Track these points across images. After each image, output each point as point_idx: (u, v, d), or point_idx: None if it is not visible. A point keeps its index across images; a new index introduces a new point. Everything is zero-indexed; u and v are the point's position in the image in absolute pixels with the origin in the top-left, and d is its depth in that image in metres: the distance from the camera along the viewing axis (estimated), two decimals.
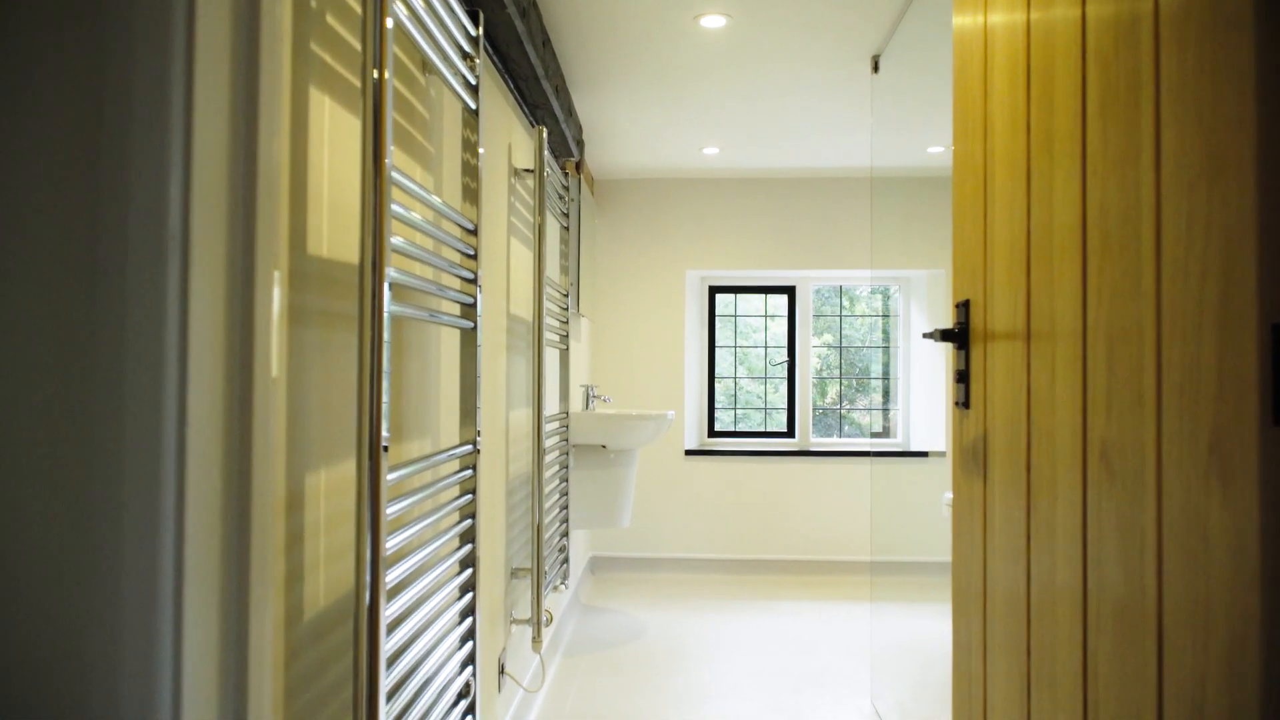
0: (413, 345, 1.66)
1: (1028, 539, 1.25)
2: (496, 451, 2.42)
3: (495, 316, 2.41)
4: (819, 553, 4.88)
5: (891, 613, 4.16)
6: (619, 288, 4.95)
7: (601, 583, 4.72)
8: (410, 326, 1.65)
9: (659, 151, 4.35)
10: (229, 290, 0.92)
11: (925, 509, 4.83)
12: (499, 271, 2.46)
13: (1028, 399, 1.25)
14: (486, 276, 2.28)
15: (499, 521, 2.47)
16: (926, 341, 4.94)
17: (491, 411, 2.35)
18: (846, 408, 5.33)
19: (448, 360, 1.90)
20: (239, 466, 0.93)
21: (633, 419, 3.79)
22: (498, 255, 2.45)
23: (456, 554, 1.69)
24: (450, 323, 1.60)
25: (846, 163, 4.58)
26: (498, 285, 2.45)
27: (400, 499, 1.33)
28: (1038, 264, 1.23)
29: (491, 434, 2.34)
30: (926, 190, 4.85)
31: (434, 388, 1.79)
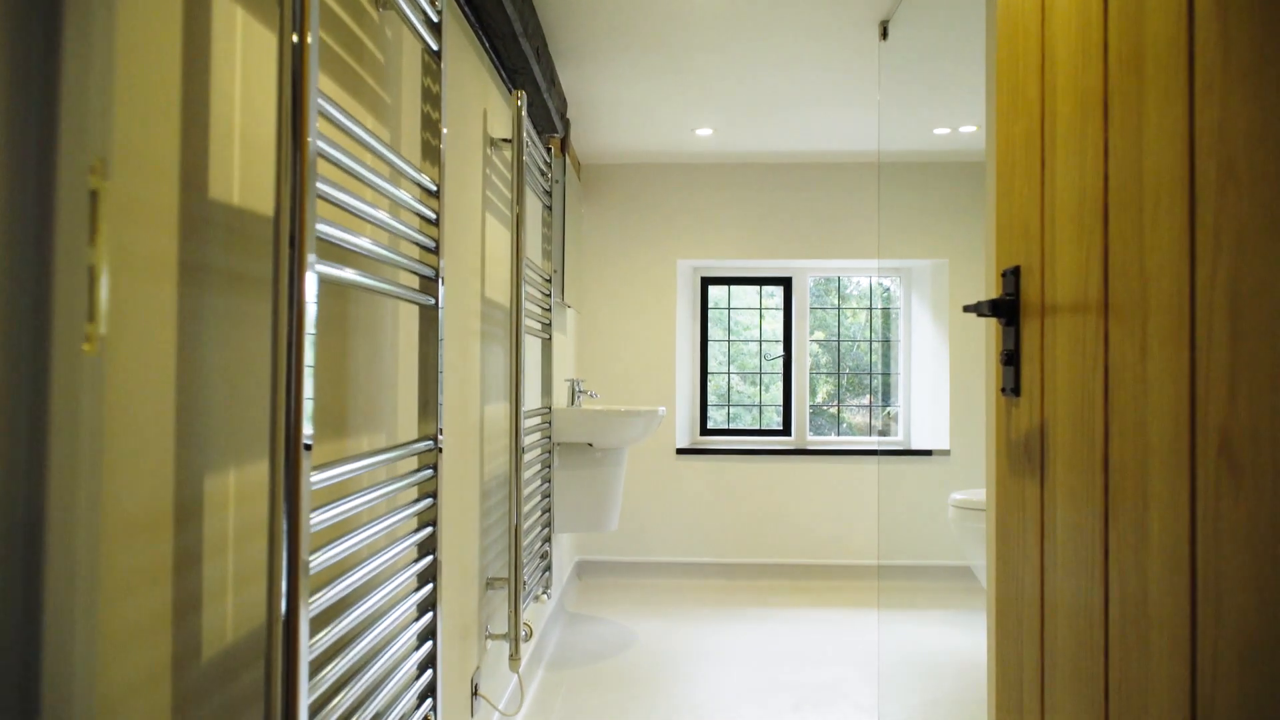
0: (361, 323, 1.42)
1: (1106, 552, 1.01)
2: (469, 449, 2.17)
3: (467, 299, 2.17)
4: (818, 556, 4.64)
5: (898, 621, 3.93)
6: (607, 278, 4.71)
7: (589, 589, 4.47)
8: (358, 301, 1.41)
9: (649, 132, 4.12)
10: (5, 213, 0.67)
11: (931, 510, 4.60)
12: (472, 250, 2.21)
13: (1105, 382, 1.02)
14: (456, 253, 2.04)
15: (472, 527, 2.22)
16: (929, 335, 4.72)
17: (463, 405, 2.11)
18: (847, 403, 5.10)
19: (408, 343, 1.65)
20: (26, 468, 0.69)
21: (621, 415, 3.56)
22: (470, 232, 2.21)
23: (414, 566, 1.45)
24: (404, 295, 1.35)
25: (848, 146, 4.35)
26: (470, 265, 2.20)
27: (337, 504, 1.09)
28: (1120, 216, 0.99)
29: (462, 430, 2.10)
30: (931, 176, 4.62)
31: (389, 374, 1.55)
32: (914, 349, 4.92)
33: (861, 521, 4.64)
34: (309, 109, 0.94)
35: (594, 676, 3.18)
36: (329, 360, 1.29)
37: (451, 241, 1.97)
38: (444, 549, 1.90)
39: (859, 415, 5.14)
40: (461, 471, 2.10)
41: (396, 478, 1.37)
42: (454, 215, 2.02)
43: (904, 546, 4.62)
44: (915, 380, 4.90)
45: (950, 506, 3.95)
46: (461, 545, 2.12)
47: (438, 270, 1.50)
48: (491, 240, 2.43)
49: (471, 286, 2.22)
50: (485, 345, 2.36)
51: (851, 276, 5.08)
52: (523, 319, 2.29)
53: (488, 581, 2.39)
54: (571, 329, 4.37)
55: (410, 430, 1.63)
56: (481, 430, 2.31)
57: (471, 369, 2.20)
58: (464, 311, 2.12)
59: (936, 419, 4.72)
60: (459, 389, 2.08)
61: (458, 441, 2.05)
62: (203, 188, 0.95)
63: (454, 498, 2.00)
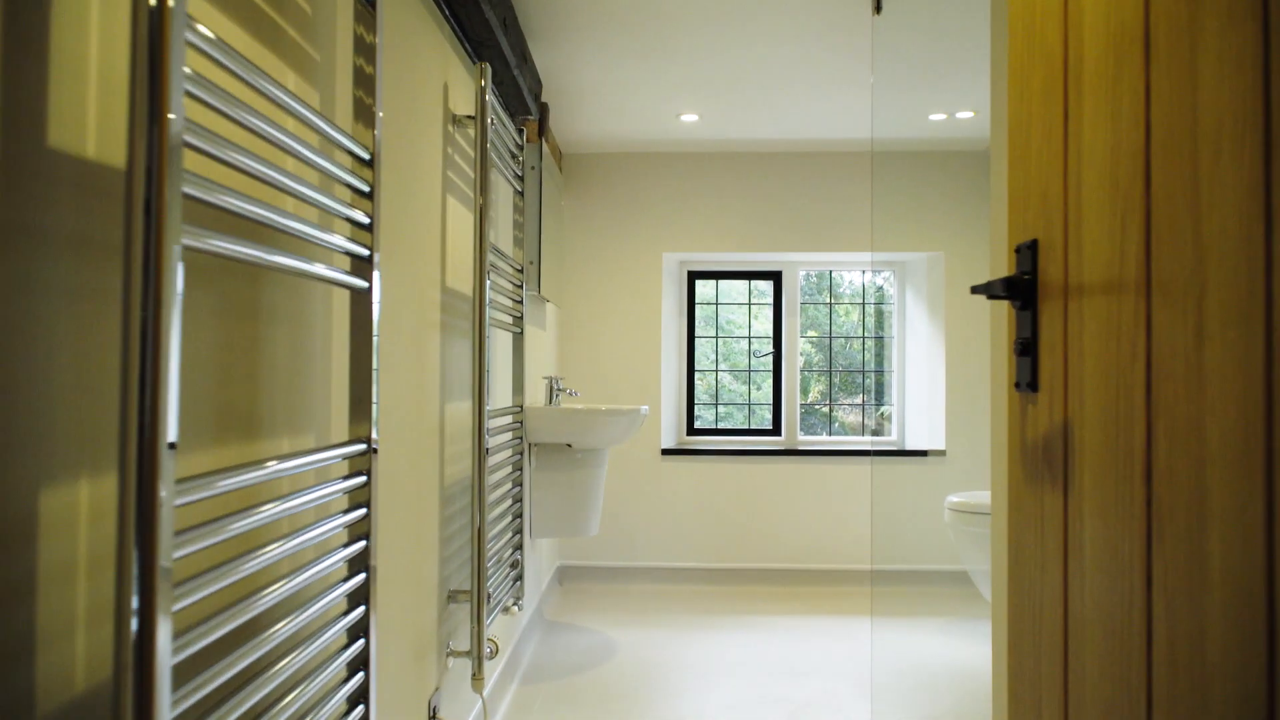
0: (281, 309, 1.23)
1: (1148, 580, 0.84)
2: (426, 452, 1.99)
3: (425, 288, 1.98)
4: (808, 561, 4.47)
5: (893, 629, 3.76)
6: (590, 272, 4.53)
7: (569, 595, 4.29)
8: (278, 285, 1.22)
9: (632, 119, 3.94)
10: None
11: (926, 513, 4.43)
12: (430, 235, 2.03)
13: (1147, 375, 0.84)
14: (409, 236, 1.86)
15: (430, 536, 2.04)
16: (924, 331, 4.56)
17: (419, 403, 1.93)
18: (839, 402, 4.93)
19: (345, 334, 1.47)
20: None
21: (601, 415, 3.38)
22: (429, 215, 2.02)
23: (343, 586, 1.27)
24: (327, 277, 1.17)
25: (839, 134, 4.18)
26: (429, 251, 2.02)
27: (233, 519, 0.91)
28: (1167, 172, 0.82)
29: (417, 431, 1.91)
30: (926, 165, 4.45)
31: (320, 368, 1.36)
32: (908, 346, 4.75)
33: (854, 525, 4.47)
34: (170, 35, 0.76)
35: (571, 691, 3.00)
36: (236, 350, 1.11)
37: (400, 222, 1.78)
38: (388, 562, 1.72)
39: (851, 414, 4.97)
40: (416, 476, 1.92)
41: (327, 483, 1.19)
42: (407, 194, 1.84)
43: (898, 551, 4.46)
44: (910, 378, 4.73)
45: (947, 510, 3.78)
46: (418, 555, 1.94)
47: (372, 250, 1.32)
48: (455, 225, 2.25)
49: (430, 275, 2.04)
50: (447, 339, 2.18)
51: (843, 271, 4.91)
52: (487, 310, 2.11)
53: (449, 594, 2.21)
54: (552, 325, 4.19)
55: (344, 431, 1.45)
56: (442, 431, 2.13)
57: (429, 364, 2.02)
58: (420, 301, 1.94)
59: (932, 418, 4.55)
60: (415, 386, 1.90)
61: (411, 443, 1.87)
62: (37, 133, 0.77)
63: (402, 505, 1.82)
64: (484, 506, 2.12)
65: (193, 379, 1.00)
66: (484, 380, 2.11)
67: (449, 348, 2.20)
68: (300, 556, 1.29)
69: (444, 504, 2.16)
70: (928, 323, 4.60)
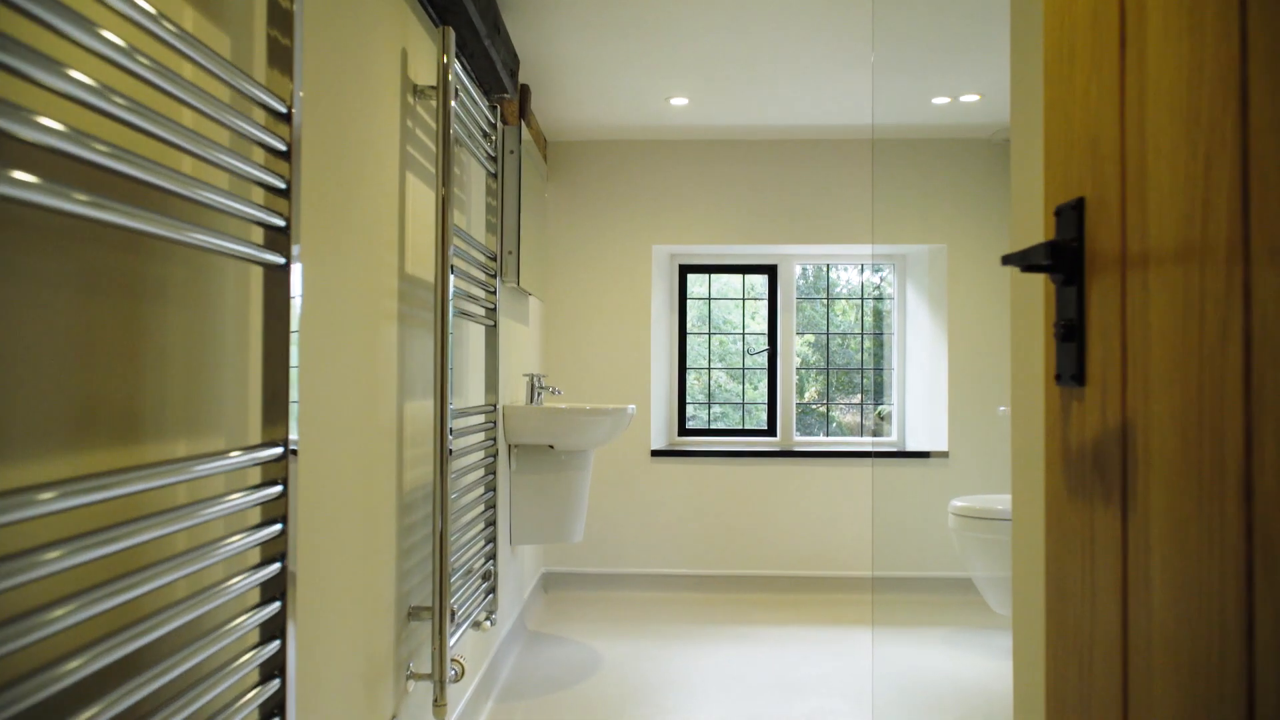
0: (171, 286, 1.03)
1: (1248, 630, 0.64)
2: (379, 455, 1.79)
3: (379, 274, 1.78)
4: (805, 567, 4.27)
5: (894, 641, 3.56)
6: (575, 265, 4.33)
7: (554, 603, 4.09)
8: (164, 257, 1.02)
9: (619, 102, 3.73)
10: None
11: (927, 517, 4.24)
12: (386, 215, 1.83)
13: (1246, 362, 0.65)
14: (353, 212, 1.66)
15: (384, 547, 1.84)
16: (925, 327, 4.36)
17: (370, 401, 1.73)
18: (836, 402, 4.73)
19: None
20: None
21: (585, 414, 3.18)
22: (385, 194, 1.82)
23: (253, 616, 1.07)
24: (227, 248, 0.97)
25: (837, 120, 3.98)
26: (384, 234, 1.82)
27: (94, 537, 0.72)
28: (1275, 96, 0.62)
29: (367, 431, 1.71)
30: (929, 152, 4.26)
31: (228, 358, 1.16)
32: (909, 343, 4.55)
33: (852, 529, 4.28)
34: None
35: (551, 710, 2.80)
36: (103, 331, 0.91)
37: (345, 197, 1.58)
38: (331, 579, 1.52)
39: (849, 415, 4.78)
40: (367, 482, 1.72)
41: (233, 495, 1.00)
42: (354, 167, 1.64)
43: (899, 557, 4.26)
44: (911, 376, 4.54)
45: (950, 514, 3.59)
46: (369, 569, 1.74)
47: (289, 219, 1.12)
48: (417, 207, 2.05)
49: (385, 259, 1.83)
50: (407, 331, 1.98)
51: (841, 265, 4.71)
52: (450, 300, 1.91)
53: (410, 611, 2.01)
54: (535, 320, 3.99)
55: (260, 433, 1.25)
56: (400, 432, 1.93)
57: (384, 358, 1.82)
58: (373, 288, 1.74)
59: (934, 419, 4.35)
60: (365, 381, 1.70)
61: (360, 446, 1.67)
62: None
63: (349, 514, 1.62)
64: (447, 514, 1.92)
65: (31, 362, 0.80)
66: (446, 376, 1.91)
67: (410, 341, 2.00)
68: (203, 579, 1.09)
69: (403, 512, 1.96)
70: (929, 318, 4.41)
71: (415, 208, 2.05)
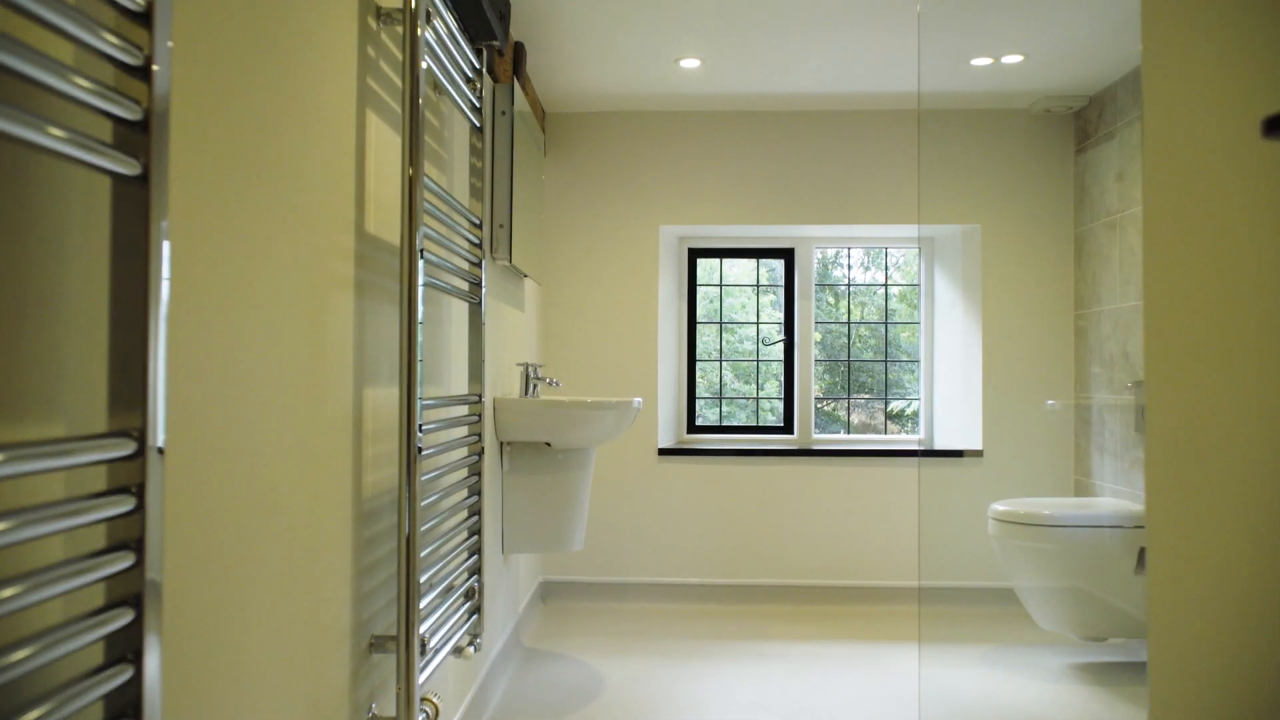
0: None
1: None
2: (329, 453, 1.45)
3: (330, 232, 1.44)
4: (828, 576, 3.92)
5: (930, 658, 3.20)
6: (576, 247, 3.99)
7: (553, 616, 3.75)
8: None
9: (622, 64, 3.39)
10: None
11: (962, 522, 3.88)
12: (335, 157, 1.49)
13: None
14: (296, 154, 1.32)
15: (338, 566, 1.50)
16: (956, 315, 4.01)
17: (313, 386, 1.39)
18: (856, 397, 4.38)
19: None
20: None
21: (586, 408, 2.84)
22: (338, 135, 1.48)
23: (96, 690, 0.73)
24: (44, 144, 0.63)
25: (864, 87, 3.63)
26: (337, 184, 1.48)
27: None
28: None
29: (309, 426, 1.37)
30: (962, 124, 3.91)
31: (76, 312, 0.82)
32: (937, 332, 4.20)
33: (878, 534, 3.93)
34: None
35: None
36: None
37: (271, 124, 1.24)
38: (257, 610, 1.18)
39: (855, 414, 4.43)
40: (309, 486, 1.38)
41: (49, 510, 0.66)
42: (286, 93, 1.30)
43: (930, 565, 3.91)
44: (940, 369, 4.18)
45: (991, 519, 3.24)
46: (314, 595, 1.40)
47: (148, 111, 0.78)
48: (382, 155, 1.71)
49: (337, 212, 1.49)
50: (368, 302, 1.64)
51: (863, 250, 4.36)
52: (418, 264, 1.56)
53: (371, 642, 1.66)
54: (533, 305, 3.65)
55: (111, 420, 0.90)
56: (358, 424, 1.59)
57: (334, 333, 1.48)
58: (317, 246, 1.40)
59: (966, 414, 4.00)
60: (306, 362, 1.36)
61: (298, 442, 1.33)
62: None
63: (281, 527, 1.28)
64: (416, 524, 1.58)
65: None
66: (414, 358, 1.56)
67: (373, 315, 1.66)
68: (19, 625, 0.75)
69: (362, 522, 1.62)
70: (961, 304, 4.06)
71: (381, 156, 1.71)
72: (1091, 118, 3.71)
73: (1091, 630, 3.15)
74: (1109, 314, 3.55)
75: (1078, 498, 3.71)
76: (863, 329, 4.38)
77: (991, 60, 3.27)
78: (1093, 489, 3.67)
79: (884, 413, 4.38)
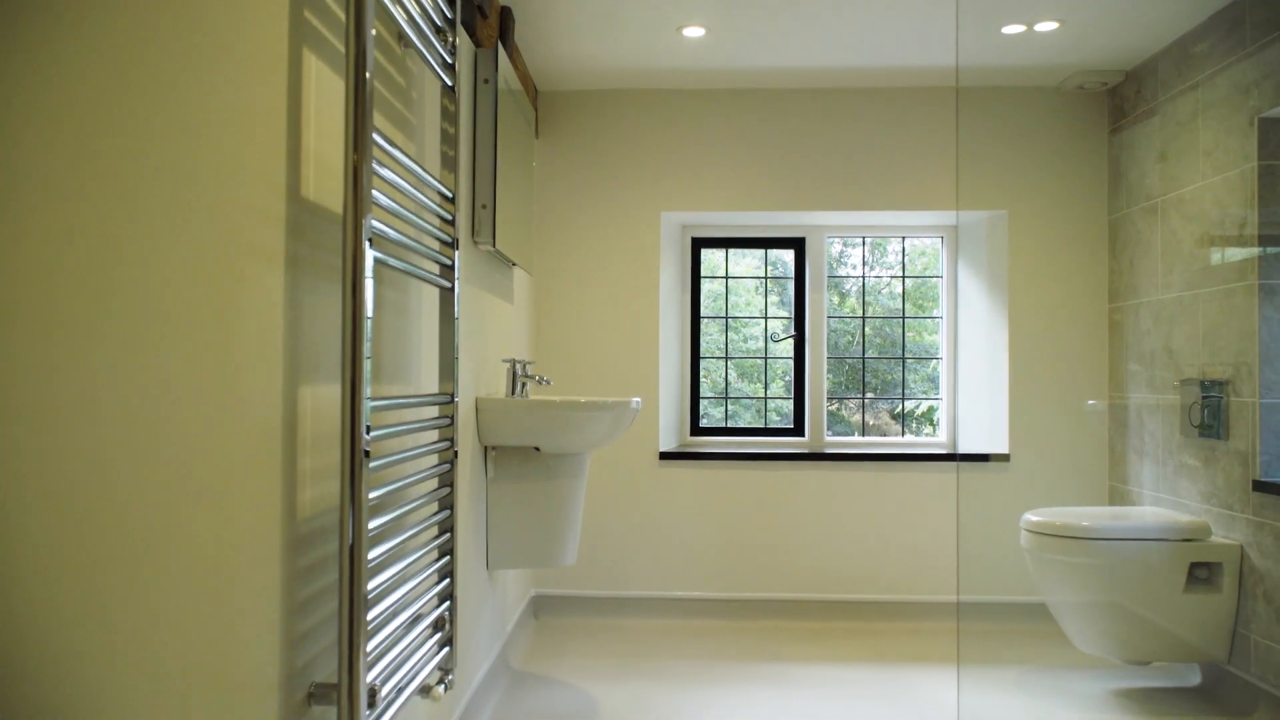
0: None
1: None
2: (240, 466, 1.17)
3: (240, 185, 1.17)
4: (843, 590, 3.64)
5: (973, 683, 2.91)
6: (570, 235, 3.71)
7: (545, 633, 3.47)
8: None
9: (619, 33, 3.11)
10: None
11: (987, 532, 3.60)
12: (258, 98, 1.21)
13: None
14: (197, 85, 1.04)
15: (259, 604, 1.22)
16: (981, 308, 3.74)
17: (221, 383, 1.11)
18: (869, 399, 4.09)
19: None
20: None
21: (579, 410, 2.57)
22: (256, 66, 1.21)
23: None
24: None
25: (885, 60, 3.34)
26: (251, 126, 1.20)
27: None
28: None
29: (219, 432, 1.09)
30: (989, 102, 3.63)
31: None
32: (960, 327, 3.91)
33: (897, 545, 3.64)
34: None
35: None
36: None
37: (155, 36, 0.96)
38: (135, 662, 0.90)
39: (876, 411, 4.14)
40: (220, 506, 1.10)
41: None
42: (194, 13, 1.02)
43: (951, 578, 3.62)
44: (963, 367, 3.90)
45: (1023, 530, 2.95)
46: (224, 636, 1.12)
47: None
48: (323, 104, 1.43)
49: (264, 172, 1.22)
50: (307, 282, 1.36)
51: (868, 247, 4.08)
52: (363, 233, 1.28)
53: (311, 691, 1.39)
54: (523, 297, 3.37)
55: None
56: (290, 430, 1.31)
57: (255, 317, 1.20)
58: (230, 205, 1.12)
59: (991, 415, 3.71)
60: (213, 350, 1.08)
61: (203, 452, 1.05)
62: None
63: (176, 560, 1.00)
64: (362, 548, 1.30)
65: None
66: (359, 348, 1.28)
67: (313, 297, 1.38)
68: None
69: (296, 548, 1.34)
70: (986, 297, 3.77)
71: (325, 108, 1.43)
72: (1128, 94, 3.42)
73: (1135, 653, 2.87)
74: (1149, 306, 3.26)
75: (1116, 506, 3.42)
76: (867, 328, 4.10)
77: (1025, 27, 2.98)
78: (1130, 496, 3.38)
79: (889, 413, 4.09)
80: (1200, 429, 2.90)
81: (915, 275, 4.06)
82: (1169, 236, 3.14)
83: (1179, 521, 2.87)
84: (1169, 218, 3.14)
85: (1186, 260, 3.04)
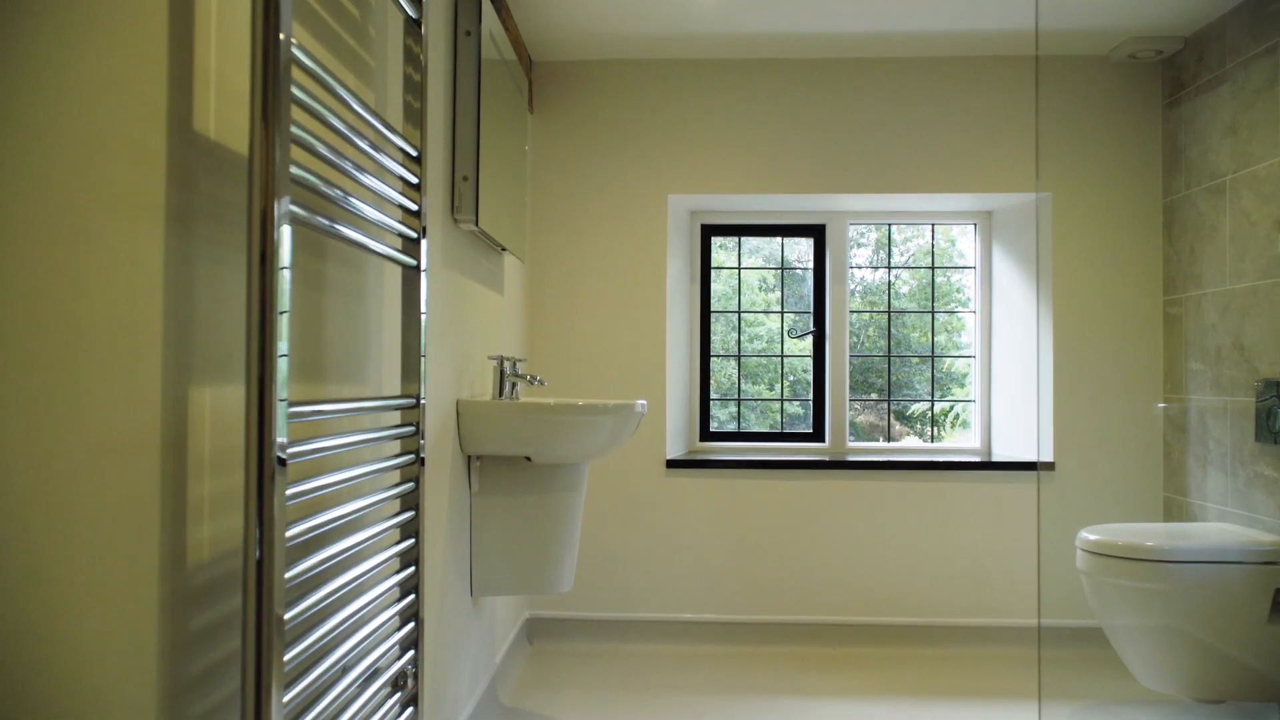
0: None
1: None
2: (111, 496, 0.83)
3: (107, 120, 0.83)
4: (870, 613, 3.29)
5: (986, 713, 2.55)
6: (567, 220, 3.36)
7: (540, 661, 3.12)
8: None
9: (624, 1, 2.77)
10: None
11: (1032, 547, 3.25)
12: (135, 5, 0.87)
13: None
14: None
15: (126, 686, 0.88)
16: (1019, 302, 3.39)
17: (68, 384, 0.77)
18: (896, 398, 3.75)
19: None
20: None
21: (577, 413, 2.23)
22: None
23: None
24: None
25: (914, 25, 3.00)
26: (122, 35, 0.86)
27: None
28: None
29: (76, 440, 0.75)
30: (1028, 73, 3.28)
31: None
32: (995, 323, 3.57)
33: (930, 562, 3.29)
34: None
35: None
36: None
37: None
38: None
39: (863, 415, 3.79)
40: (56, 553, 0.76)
41: None
42: None
43: (985, 599, 3.27)
44: (999, 367, 3.55)
45: (1079, 550, 2.61)
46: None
47: None
48: (227, 7, 1.09)
49: (135, 93, 0.88)
50: (204, 249, 1.02)
51: (871, 245, 3.73)
52: (274, 180, 0.94)
53: None
54: (514, 287, 3.03)
55: None
56: (177, 447, 0.97)
57: (129, 291, 0.86)
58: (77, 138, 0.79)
59: (1029, 419, 3.36)
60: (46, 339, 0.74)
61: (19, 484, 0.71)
62: None
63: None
64: (271, 600, 0.96)
65: None
66: (269, 334, 0.94)
67: (215, 268, 1.04)
68: None
69: (184, 606, 1.00)
70: (1025, 289, 3.42)
71: (230, 10, 1.09)
72: (1188, 63, 3.08)
73: (1207, 691, 2.52)
74: (1214, 298, 2.91)
75: (1180, 523, 3.07)
76: (870, 328, 3.75)
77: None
78: (1190, 510, 3.03)
79: (897, 415, 3.75)
80: (1278, 436, 2.56)
81: (943, 266, 3.71)
82: (1240, 219, 2.79)
83: (1261, 542, 2.52)
84: (1240, 198, 2.79)
85: (1262, 245, 2.69)
